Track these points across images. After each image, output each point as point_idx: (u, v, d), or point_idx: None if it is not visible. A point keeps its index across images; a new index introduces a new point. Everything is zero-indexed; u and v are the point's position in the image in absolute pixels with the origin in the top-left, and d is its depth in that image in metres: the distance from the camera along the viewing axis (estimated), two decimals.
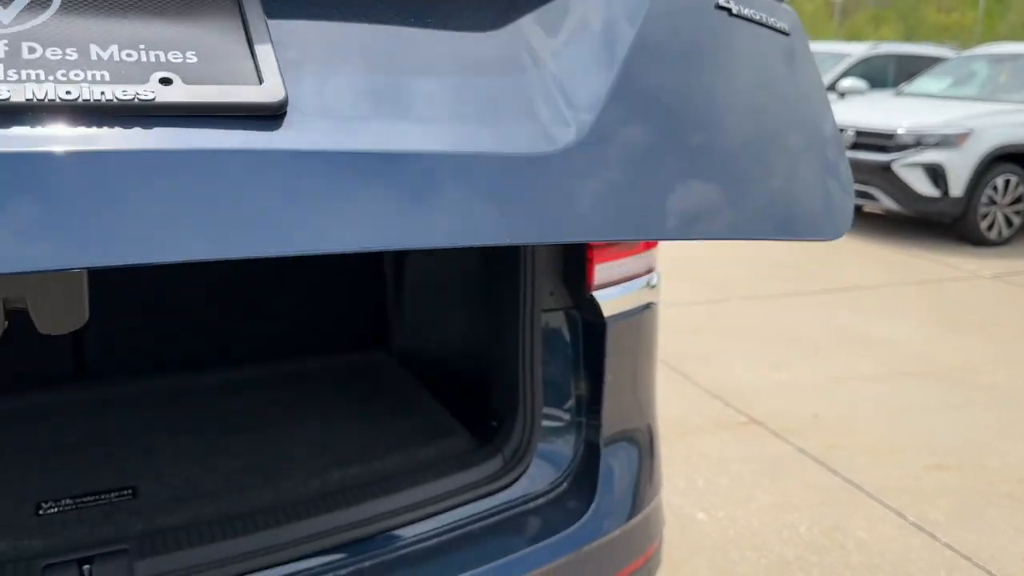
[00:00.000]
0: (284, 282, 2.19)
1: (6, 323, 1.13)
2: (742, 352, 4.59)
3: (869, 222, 8.30)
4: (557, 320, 1.62)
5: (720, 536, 2.81)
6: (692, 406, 3.87)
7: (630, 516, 1.62)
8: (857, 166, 7.32)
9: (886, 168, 7.25)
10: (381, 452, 1.66)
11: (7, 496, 1.50)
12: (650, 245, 1.76)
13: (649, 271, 1.77)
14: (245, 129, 0.73)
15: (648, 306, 1.73)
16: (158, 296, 2.07)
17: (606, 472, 1.61)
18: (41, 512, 1.44)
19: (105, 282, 1.93)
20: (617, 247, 1.63)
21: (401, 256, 2.18)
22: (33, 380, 1.98)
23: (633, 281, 1.70)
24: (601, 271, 1.68)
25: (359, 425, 1.83)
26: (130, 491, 1.52)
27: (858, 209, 8.30)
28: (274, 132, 0.74)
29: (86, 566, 1.25)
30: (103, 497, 1.49)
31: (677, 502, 2.99)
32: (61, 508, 1.46)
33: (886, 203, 7.43)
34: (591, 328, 1.63)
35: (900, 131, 7.27)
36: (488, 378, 1.77)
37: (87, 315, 1.15)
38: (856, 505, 3.00)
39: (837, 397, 4.00)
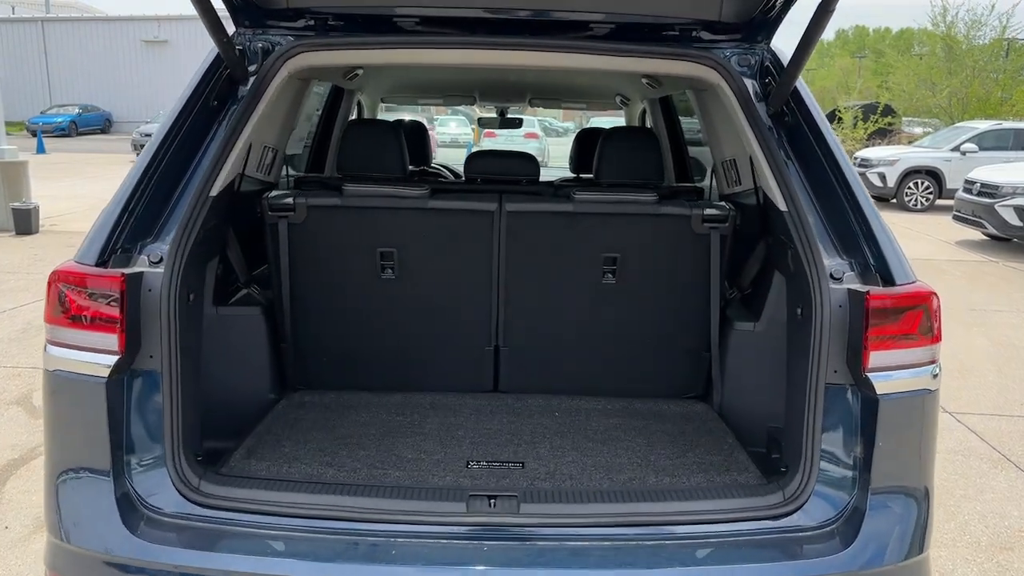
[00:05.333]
0: (640, 342, 3.02)
1: None
2: None
3: None
4: (839, 392, 2.13)
5: None
6: None
7: (887, 562, 1.99)
8: (979, 206, 12.35)
9: (991, 208, 12.05)
10: (689, 473, 2.39)
11: (453, 454, 2.48)
12: (932, 341, 2.10)
13: (929, 362, 2.09)
14: None
15: (924, 391, 2.07)
16: (550, 342, 3.04)
17: (871, 522, 2.04)
18: (469, 466, 2.41)
19: (512, 332, 2.99)
20: (894, 341, 2.04)
21: (724, 339, 2.90)
22: (472, 389, 3.06)
23: (909, 369, 2.07)
24: (876, 358, 2.04)
25: (677, 451, 2.56)
26: (521, 464, 2.44)
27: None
28: None
29: (492, 500, 2.10)
30: (505, 465, 2.43)
31: None
32: (480, 466, 2.42)
33: (991, 230, 12.33)
34: (866, 402, 2.11)
35: (1002, 184, 12.00)
36: (780, 431, 2.41)
37: None
38: None
39: None
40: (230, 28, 2.56)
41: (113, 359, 2.03)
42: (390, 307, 2.92)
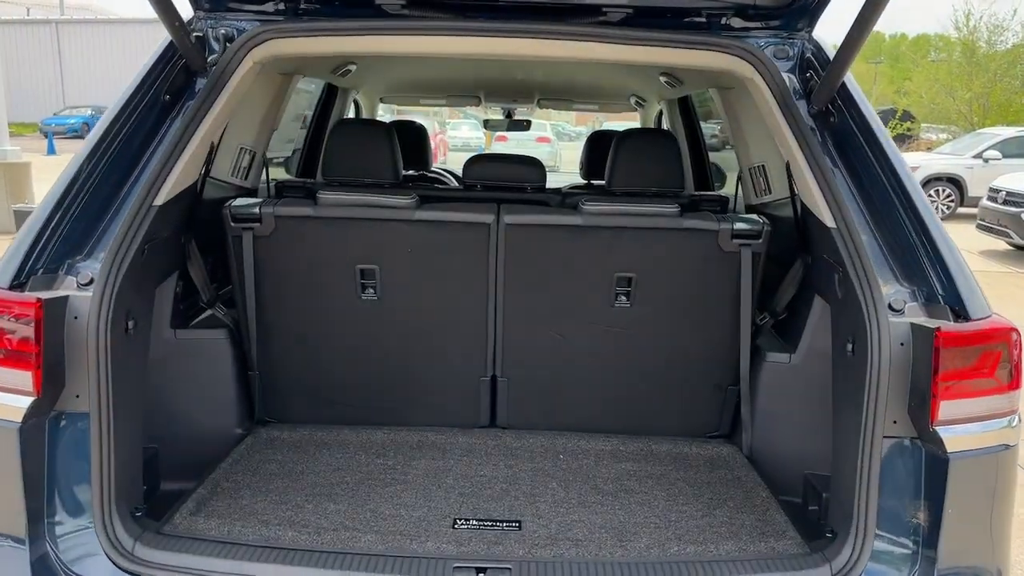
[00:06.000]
0: (659, 374, 2.60)
1: None
2: None
3: None
4: (899, 448, 1.79)
5: None
6: None
7: None
8: (1005, 215, 11.94)
9: (1017, 217, 11.62)
10: (717, 538, 2.00)
11: (438, 509, 2.11)
12: (1012, 386, 1.76)
13: (1007, 412, 1.77)
14: None
15: (1001, 447, 1.76)
16: (555, 372, 2.64)
17: None
18: (456, 525, 2.03)
19: (511, 361, 2.61)
20: (968, 388, 1.72)
21: (755, 372, 2.48)
22: (465, 425, 2.66)
23: (985, 421, 1.73)
24: (947, 408, 1.70)
25: (702, 508, 2.17)
26: (517, 524, 2.06)
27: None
28: None
29: (481, 574, 1.76)
30: (498, 525, 2.05)
31: None
32: (469, 527, 2.03)
33: (1017, 240, 11.85)
34: (933, 460, 1.76)
35: None
36: (826, 489, 2.03)
37: None
38: None
39: None
40: (188, 12, 2.24)
41: (28, 400, 1.70)
42: (371, 332, 2.58)
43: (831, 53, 2.21)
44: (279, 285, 2.51)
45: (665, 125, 4.93)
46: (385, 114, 8.28)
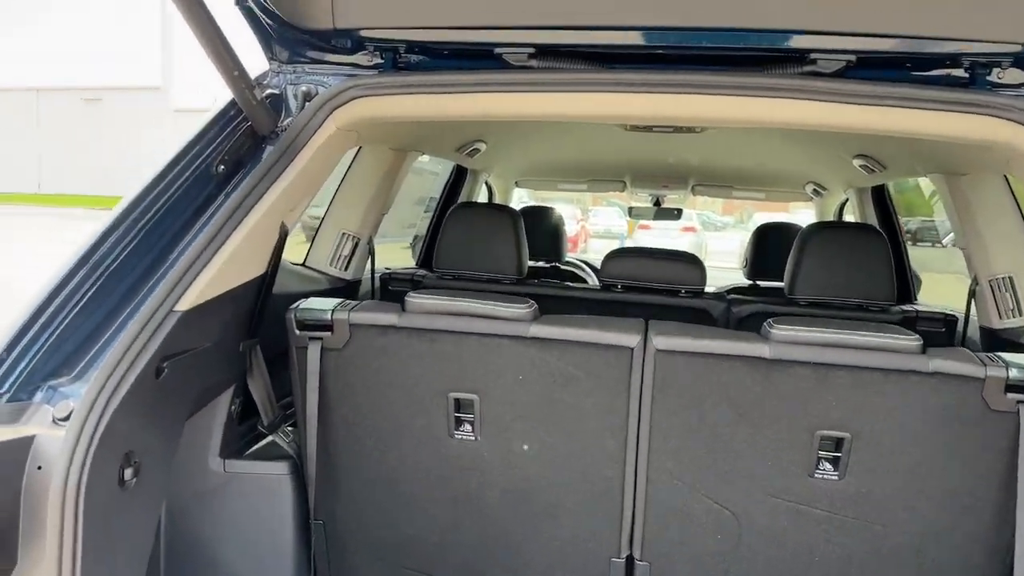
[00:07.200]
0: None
1: None
2: None
3: None
4: None
5: None
6: None
7: None
8: None
9: None
10: None
11: None
12: None
13: None
14: None
15: None
16: (718, 560, 1.89)
17: None
18: None
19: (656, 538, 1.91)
20: None
21: None
22: None
23: None
24: None
25: None
26: None
27: None
28: None
29: None
30: None
31: None
32: None
33: None
34: None
35: None
36: None
37: None
38: None
39: None
40: (256, 65, 1.80)
41: None
42: (465, 481, 1.95)
43: None
44: (351, 412, 1.94)
45: (849, 218, 4.15)
46: (529, 200, 7.90)
